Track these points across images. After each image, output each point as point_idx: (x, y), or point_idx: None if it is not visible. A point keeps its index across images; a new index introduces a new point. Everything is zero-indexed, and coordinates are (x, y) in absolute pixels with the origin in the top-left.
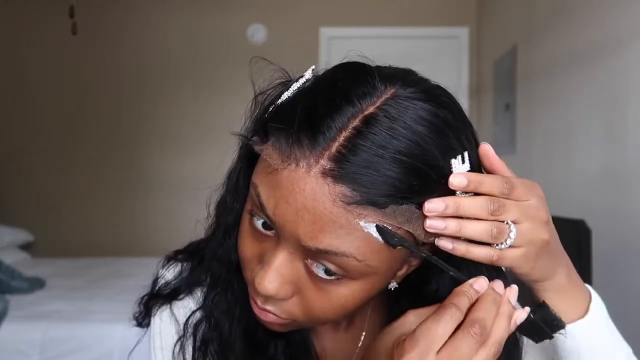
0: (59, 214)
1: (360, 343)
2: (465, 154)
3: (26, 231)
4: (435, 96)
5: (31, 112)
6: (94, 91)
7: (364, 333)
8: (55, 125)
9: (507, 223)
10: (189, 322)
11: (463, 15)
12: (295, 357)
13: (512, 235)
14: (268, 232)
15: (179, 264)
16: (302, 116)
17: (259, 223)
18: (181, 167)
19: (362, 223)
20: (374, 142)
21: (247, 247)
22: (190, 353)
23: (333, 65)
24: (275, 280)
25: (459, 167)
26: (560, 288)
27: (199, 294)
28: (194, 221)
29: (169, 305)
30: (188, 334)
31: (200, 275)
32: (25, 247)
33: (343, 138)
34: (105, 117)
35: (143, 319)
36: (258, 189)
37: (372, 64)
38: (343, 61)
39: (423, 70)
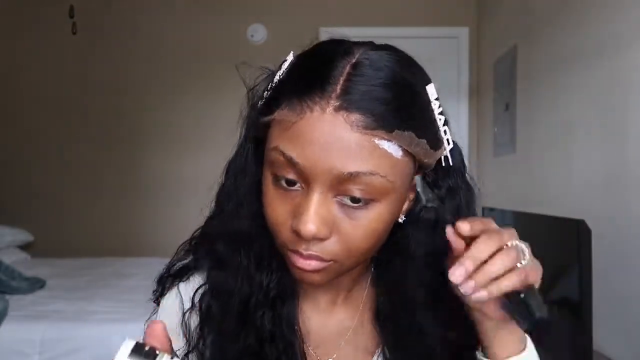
0: (59, 214)
1: (351, 330)
2: (432, 84)
3: (26, 231)
4: (392, 47)
5: (31, 112)
6: (94, 91)
7: (355, 319)
8: (55, 125)
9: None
10: (195, 295)
11: (463, 15)
12: (280, 330)
13: (526, 252)
14: (294, 188)
15: (189, 248)
16: (306, 76)
17: (283, 182)
18: (181, 167)
19: (377, 141)
20: (364, 76)
21: (278, 208)
22: (194, 324)
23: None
24: (315, 220)
25: (432, 93)
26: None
27: (205, 272)
28: (193, 221)
29: (177, 285)
30: (195, 306)
31: (206, 255)
32: (25, 247)
33: (342, 80)
34: (105, 117)
35: (160, 296)
36: (280, 147)
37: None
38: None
39: None
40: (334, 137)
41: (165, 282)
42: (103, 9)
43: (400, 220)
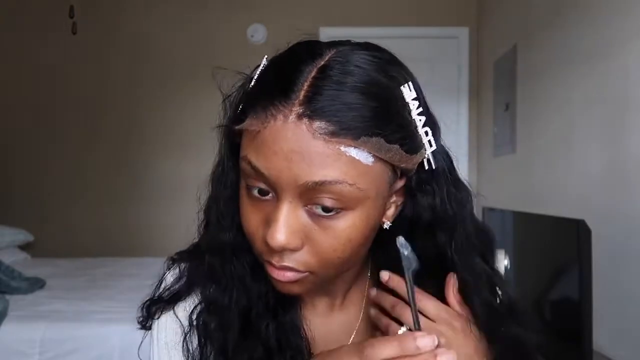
0: (59, 214)
1: (355, 331)
2: (410, 84)
3: (26, 231)
4: (372, 45)
5: (31, 112)
6: (94, 91)
7: (359, 320)
8: (55, 126)
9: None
10: (193, 316)
11: (463, 15)
12: (285, 339)
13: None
14: (266, 197)
15: (178, 267)
16: (271, 83)
17: (255, 192)
18: (181, 167)
19: (342, 148)
20: (332, 81)
21: (251, 218)
22: (194, 345)
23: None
24: (284, 231)
25: (408, 94)
26: None
27: (198, 290)
28: (193, 222)
29: (171, 309)
30: (193, 326)
31: (198, 273)
32: (25, 247)
33: (307, 85)
34: (106, 118)
35: (146, 322)
36: (247, 157)
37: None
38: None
39: (423, 70)
40: (296, 146)
41: (153, 309)
42: (103, 9)
43: (385, 227)
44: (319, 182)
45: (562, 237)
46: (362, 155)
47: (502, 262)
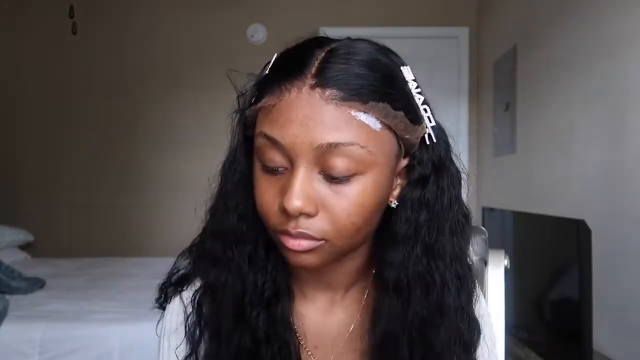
0: (59, 214)
1: (352, 327)
2: (408, 67)
3: (26, 231)
4: (370, 40)
5: (30, 112)
6: (94, 91)
7: (358, 316)
8: (55, 125)
9: None
10: (194, 299)
11: (463, 15)
12: (274, 331)
13: None
14: (281, 169)
15: (189, 256)
16: (283, 66)
17: (271, 167)
18: (181, 166)
19: (353, 112)
20: (340, 57)
21: (266, 192)
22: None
23: None
24: (300, 195)
25: (407, 74)
26: None
27: (201, 275)
28: (194, 222)
29: (178, 294)
30: (194, 309)
31: (202, 259)
32: (25, 247)
33: (317, 63)
34: (106, 117)
35: (163, 302)
36: (263, 131)
37: None
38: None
39: (423, 70)
40: (310, 112)
41: (167, 290)
42: (103, 9)
43: (392, 205)
44: (334, 144)
45: (562, 237)
46: (371, 120)
47: (502, 262)
